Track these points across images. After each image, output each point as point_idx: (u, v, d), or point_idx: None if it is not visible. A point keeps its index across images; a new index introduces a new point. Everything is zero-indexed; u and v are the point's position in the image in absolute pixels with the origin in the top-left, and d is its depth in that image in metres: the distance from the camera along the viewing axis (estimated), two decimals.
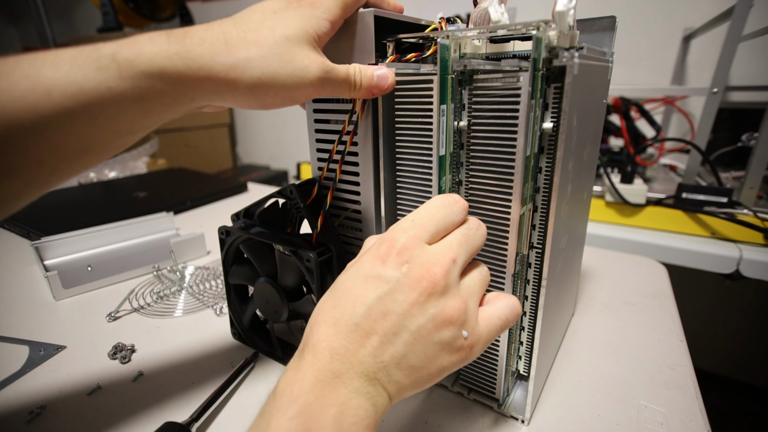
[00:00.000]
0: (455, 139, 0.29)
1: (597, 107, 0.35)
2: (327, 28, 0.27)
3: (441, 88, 0.26)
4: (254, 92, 0.25)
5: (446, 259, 0.23)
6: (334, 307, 0.23)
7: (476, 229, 0.26)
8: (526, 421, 0.32)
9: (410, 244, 0.23)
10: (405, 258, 0.22)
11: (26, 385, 0.36)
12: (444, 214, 0.25)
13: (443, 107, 0.27)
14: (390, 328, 0.21)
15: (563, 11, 0.24)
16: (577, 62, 0.24)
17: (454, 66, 0.27)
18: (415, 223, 0.24)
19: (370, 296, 0.22)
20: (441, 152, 0.28)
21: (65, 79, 0.20)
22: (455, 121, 0.28)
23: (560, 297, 0.36)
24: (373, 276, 0.22)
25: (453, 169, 0.29)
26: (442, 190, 0.28)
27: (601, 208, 0.79)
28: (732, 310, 1.17)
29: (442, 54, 0.26)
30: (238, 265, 0.39)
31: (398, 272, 0.22)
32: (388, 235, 0.24)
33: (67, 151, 0.22)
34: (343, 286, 0.23)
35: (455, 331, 0.22)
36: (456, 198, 0.26)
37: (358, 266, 0.24)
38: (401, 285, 0.22)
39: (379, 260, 0.23)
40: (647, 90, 0.95)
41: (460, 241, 0.24)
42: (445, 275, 0.22)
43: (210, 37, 0.24)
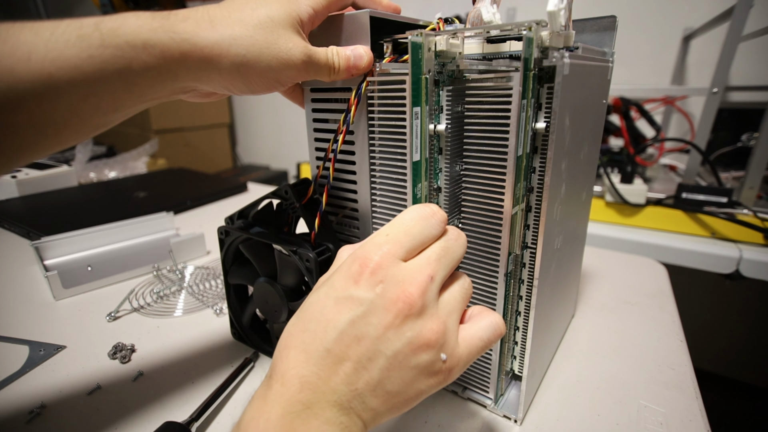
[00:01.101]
0: (432, 144, 0.27)
1: (595, 107, 0.35)
2: (310, 14, 0.27)
3: (413, 90, 0.25)
4: (240, 71, 0.25)
5: (423, 276, 0.22)
6: (304, 331, 0.21)
7: (455, 240, 0.24)
8: (518, 420, 0.32)
9: (384, 262, 0.21)
10: (379, 277, 0.21)
11: (26, 384, 0.36)
12: (421, 228, 0.23)
13: (416, 110, 0.25)
14: (364, 354, 0.20)
15: (554, 11, 0.24)
16: (567, 62, 0.24)
17: (429, 65, 0.25)
18: (389, 238, 0.22)
19: (342, 320, 0.20)
20: (415, 158, 0.26)
21: (45, 45, 0.20)
22: (432, 125, 0.27)
23: (556, 297, 0.36)
24: (345, 297, 0.21)
25: (430, 175, 0.28)
26: (417, 199, 0.27)
27: (601, 208, 0.79)
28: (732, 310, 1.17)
29: (414, 53, 0.24)
30: (237, 265, 0.39)
31: (372, 293, 0.21)
32: (360, 251, 0.22)
33: (43, 123, 0.21)
34: (313, 308, 0.22)
35: (433, 355, 0.21)
36: (434, 209, 0.24)
37: (329, 286, 0.22)
38: (375, 307, 0.20)
39: (352, 280, 0.21)
40: (647, 90, 0.95)
41: (438, 256, 0.23)
42: (422, 295, 0.21)
43: (194, 15, 0.24)
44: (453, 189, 0.31)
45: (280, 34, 0.25)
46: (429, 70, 0.25)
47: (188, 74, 0.24)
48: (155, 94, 0.25)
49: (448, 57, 0.27)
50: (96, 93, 0.22)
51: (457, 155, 0.30)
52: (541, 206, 0.27)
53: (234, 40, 0.24)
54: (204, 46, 0.24)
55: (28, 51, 0.19)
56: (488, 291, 0.30)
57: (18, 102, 0.20)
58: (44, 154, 0.23)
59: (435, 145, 0.28)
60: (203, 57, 0.24)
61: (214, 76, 0.25)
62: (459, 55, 0.28)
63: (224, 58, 0.24)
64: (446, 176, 0.29)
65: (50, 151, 0.23)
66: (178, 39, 0.23)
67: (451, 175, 0.30)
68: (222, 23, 0.24)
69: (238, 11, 0.25)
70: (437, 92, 0.27)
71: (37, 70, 0.19)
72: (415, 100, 0.25)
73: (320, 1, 0.28)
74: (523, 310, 0.32)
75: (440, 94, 0.27)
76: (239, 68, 0.25)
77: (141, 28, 0.22)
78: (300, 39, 0.26)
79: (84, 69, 0.21)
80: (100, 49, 0.21)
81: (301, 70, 0.27)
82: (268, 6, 0.26)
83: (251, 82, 0.26)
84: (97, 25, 0.21)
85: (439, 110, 0.27)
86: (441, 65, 0.26)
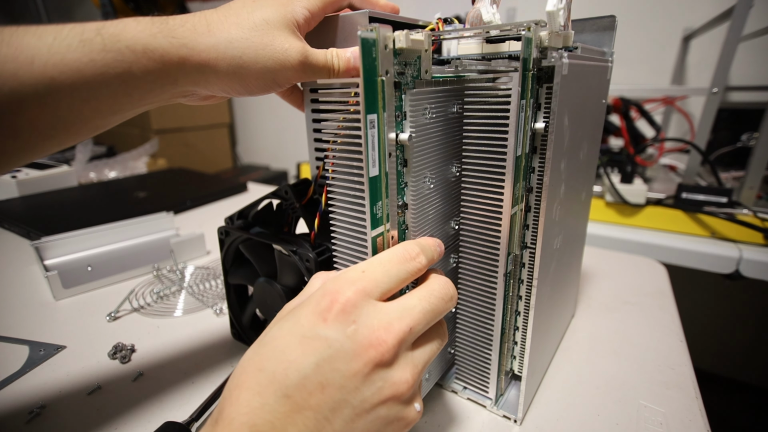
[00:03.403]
0: (396, 156, 0.25)
1: (595, 107, 0.35)
2: (306, 16, 0.27)
3: (367, 94, 0.21)
4: (237, 73, 0.25)
5: (402, 326, 0.20)
6: (260, 370, 0.19)
7: (444, 300, 0.23)
8: (518, 420, 0.32)
9: (357, 300, 0.20)
10: (351, 317, 0.19)
11: (26, 384, 0.36)
12: (399, 270, 0.22)
13: (372, 117, 0.22)
14: (328, 403, 0.18)
15: (553, 11, 0.24)
16: (566, 62, 0.24)
17: (386, 66, 0.22)
18: (365, 275, 0.21)
19: (306, 362, 0.18)
20: (373, 172, 0.23)
21: (48, 50, 0.20)
22: (393, 134, 0.24)
23: (556, 297, 0.36)
24: (312, 336, 0.19)
25: (392, 192, 0.25)
26: (376, 218, 0.24)
27: (601, 208, 0.78)
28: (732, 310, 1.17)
29: (366, 51, 0.21)
30: (237, 265, 0.39)
31: (341, 334, 0.19)
32: (332, 285, 0.21)
33: (44, 125, 0.21)
34: (274, 344, 0.19)
35: (402, 407, 0.20)
36: (414, 253, 0.23)
37: (294, 321, 0.20)
38: (344, 351, 0.19)
39: (320, 317, 0.19)
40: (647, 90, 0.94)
41: (424, 311, 0.21)
42: (398, 345, 0.20)
43: (192, 20, 0.24)
44: (449, 191, 0.31)
45: (275, 35, 0.25)
46: (387, 71, 0.22)
47: (187, 78, 0.25)
48: (155, 98, 0.25)
49: (411, 56, 0.25)
50: (97, 96, 0.22)
51: (454, 157, 0.30)
52: (540, 206, 0.27)
53: (230, 43, 0.25)
54: (202, 50, 0.24)
55: (32, 55, 0.20)
56: (487, 291, 0.30)
57: (20, 104, 0.20)
58: (44, 154, 0.23)
59: (398, 156, 0.25)
60: (201, 61, 0.24)
61: (212, 79, 0.25)
62: (425, 53, 0.25)
63: (221, 60, 0.25)
64: (439, 179, 0.29)
65: (50, 152, 0.23)
66: (176, 44, 0.23)
67: (446, 177, 0.30)
68: (218, 27, 0.25)
69: (235, 15, 0.25)
70: (399, 96, 0.24)
71: (40, 73, 0.20)
72: (369, 107, 0.21)
73: (316, 2, 0.28)
74: (523, 310, 0.32)
75: (403, 98, 0.24)
76: (236, 70, 0.25)
77: (141, 33, 0.22)
78: (296, 40, 0.27)
79: (85, 73, 0.21)
80: (101, 53, 0.21)
81: (298, 70, 0.27)
82: (263, 9, 0.26)
83: (249, 84, 0.26)
84: (98, 30, 0.21)
85: (402, 117, 0.25)
86: (402, 65, 0.24)
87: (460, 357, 0.34)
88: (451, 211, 0.31)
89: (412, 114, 0.25)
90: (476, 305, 0.31)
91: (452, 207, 0.31)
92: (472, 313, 0.32)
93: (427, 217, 0.28)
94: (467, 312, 0.32)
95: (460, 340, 0.33)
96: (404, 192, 0.26)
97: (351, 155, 0.24)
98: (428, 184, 0.28)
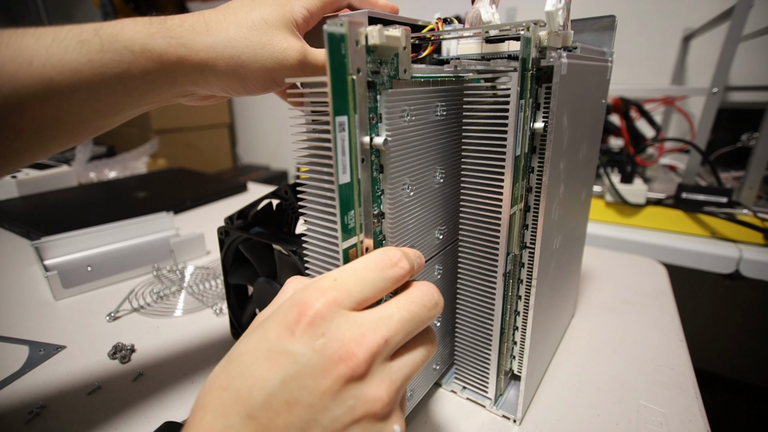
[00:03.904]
0: (371, 161, 0.23)
1: (594, 107, 0.35)
2: (305, 15, 0.27)
3: (335, 95, 0.19)
4: (236, 72, 0.25)
5: (376, 338, 0.18)
6: (225, 388, 0.17)
7: (427, 307, 0.21)
8: (517, 420, 0.32)
9: (327, 312, 0.18)
10: (320, 330, 0.18)
11: (26, 384, 0.36)
12: (375, 279, 0.20)
13: (341, 120, 0.20)
14: (295, 423, 0.17)
15: (552, 11, 0.24)
16: (564, 62, 0.24)
17: (358, 63, 0.20)
18: (337, 283, 0.19)
19: (272, 379, 0.17)
20: (343, 179, 0.21)
21: (47, 51, 0.20)
22: (368, 137, 0.22)
23: (555, 297, 0.36)
24: (278, 351, 0.18)
25: (366, 200, 0.23)
26: (347, 228, 0.22)
27: (601, 208, 0.78)
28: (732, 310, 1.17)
29: (334, 48, 0.19)
30: (237, 265, 0.39)
31: (309, 349, 0.17)
32: (301, 295, 0.19)
33: (44, 126, 0.21)
34: (241, 360, 0.18)
35: (378, 426, 0.18)
36: (396, 258, 0.21)
37: (262, 334, 0.19)
38: (312, 366, 0.17)
39: (287, 330, 0.18)
40: (647, 90, 0.95)
41: (403, 320, 0.20)
42: (370, 358, 0.18)
43: (190, 20, 0.24)
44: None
45: (274, 34, 0.26)
46: (358, 69, 0.20)
47: (186, 78, 0.25)
48: (154, 98, 0.25)
49: (387, 53, 0.23)
50: (96, 96, 0.22)
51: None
52: (540, 206, 0.27)
53: (229, 42, 0.25)
54: (200, 49, 0.24)
55: (30, 56, 0.20)
56: (487, 291, 0.30)
57: (20, 105, 0.20)
58: (45, 155, 0.23)
59: (373, 162, 0.23)
60: (200, 60, 0.24)
61: (211, 78, 0.25)
62: (403, 51, 0.23)
63: (220, 60, 0.25)
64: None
65: (51, 153, 0.23)
66: (175, 44, 0.23)
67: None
68: (217, 26, 0.25)
69: (233, 14, 0.25)
70: (373, 97, 0.22)
71: (39, 74, 0.20)
72: (338, 108, 0.20)
73: (315, 2, 0.27)
74: (522, 310, 0.32)
75: (378, 99, 0.22)
76: (235, 70, 0.25)
77: (139, 34, 0.22)
78: (295, 39, 0.26)
79: (84, 73, 0.21)
80: (99, 53, 0.21)
81: (297, 69, 0.26)
82: (261, 8, 0.26)
83: (248, 84, 0.26)
84: (96, 30, 0.21)
85: (378, 119, 0.23)
86: (377, 63, 0.22)
87: (459, 357, 0.34)
88: (434, 220, 0.30)
89: (389, 116, 0.23)
90: (475, 305, 0.31)
91: (436, 215, 0.30)
92: (472, 312, 0.32)
93: (407, 227, 0.27)
94: (467, 312, 0.32)
95: (459, 340, 0.33)
96: (381, 200, 0.24)
97: (320, 160, 0.21)
98: (408, 192, 0.26)
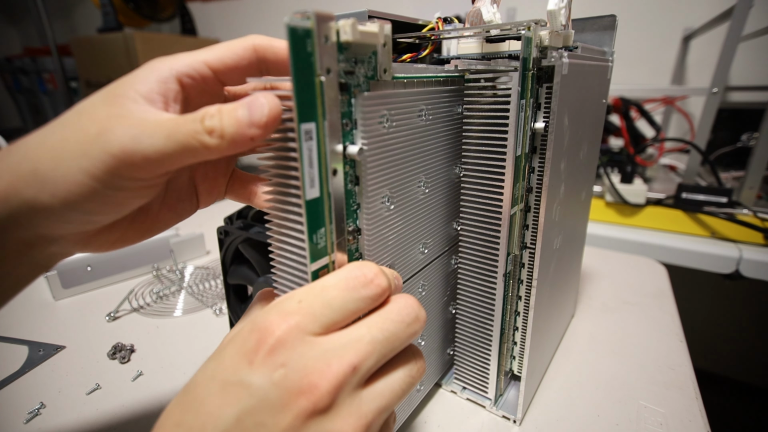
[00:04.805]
0: (345, 172, 0.20)
1: (595, 107, 0.35)
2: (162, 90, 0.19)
3: (299, 98, 0.17)
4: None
5: (342, 365, 0.16)
6: (178, 424, 0.16)
7: (405, 323, 0.18)
8: (518, 421, 0.32)
9: (289, 339, 0.16)
10: (280, 359, 0.16)
11: (25, 384, 0.36)
12: (345, 299, 0.18)
13: (308, 127, 0.17)
14: None
15: (554, 10, 0.24)
16: (565, 62, 0.24)
17: (328, 63, 0.18)
18: (302, 306, 0.17)
19: (225, 415, 0.15)
20: (311, 194, 0.18)
21: None
22: (341, 146, 0.20)
23: (556, 297, 0.36)
24: (234, 383, 0.16)
25: (338, 216, 0.20)
26: (317, 249, 0.19)
27: (601, 208, 0.78)
28: (732, 310, 1.17)
29: (297, 45, 0.16)
30: (237, 265, 0.39)
31: (268, 380, 0.16)
32: (262, 319, 0.17)
33: None
34: (195, 392, 0.17)
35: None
36: (371, 275, 0.18)
37: (218, 362, 0.17)
38: (269, 401, 0.15)
39: (245, 359, 0.16)
40: (647, 90, 0.94)
41: (374, 341, 0.17)
42: (334, 390, 0.16)
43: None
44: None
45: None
46: (328, 69, 0.18)
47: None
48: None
49: (363, 52, 0.20)
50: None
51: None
52: (540, 206, 0.27)
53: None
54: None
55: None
56: (487, 291, 0.30)
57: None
58: None
59: (348, 173, 0.21)
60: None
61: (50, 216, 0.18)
62: (382, 48, 0.21)
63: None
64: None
65: None
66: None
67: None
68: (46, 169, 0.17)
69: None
70: (347, 101, 0.20)
71: None
72: (304, 114, 0.17)
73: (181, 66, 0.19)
74: (522, 310, 0.32)
75: (353, 103, 0.20)
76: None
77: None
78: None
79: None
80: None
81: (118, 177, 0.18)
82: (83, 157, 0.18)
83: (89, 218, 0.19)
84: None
85: (353, 126, 0.21)
86: (352, 63, 0.20)
87: (459, 357, 0.34)
88: (418, 235, 0.28)
89: (365, 122, 0.20)
90: (476, 305, 0.31)
91: (420, 229, 0.28)
92: (472, 313, 0.32)
93: (386, 244, 0.24)
94: (467, 312, 0.32)
95: (459, 340, 0.33)
96: (357, 215, 0.22)
97: (284, 171, 0.19)
98: (387, 205, 0.24)
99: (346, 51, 0.19)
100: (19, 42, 2.41)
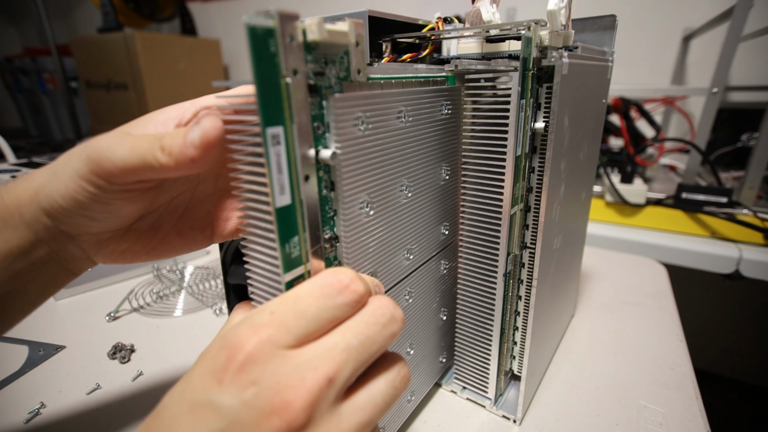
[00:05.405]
0: (319, 177, 0.20)
1: (595, 107, 0.35)
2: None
3: (263, 101, 0.16)
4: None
5: (316, 379, 0.15)
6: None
7: (380, 324, 0.17)
8: (518, 421, 0.32)
9: (260, 354, 0.15)
10: (251, 376, 0.15)
11: (25, 384, 0.36)
12: (319, 309, 0.17)
13: (274, 131, 0.16)
14: None
15: (554, 10, 0.24)
16: (566, 62, 0.24)
17: (294, 63, 0.17)
18: (273, 319, 0.16)
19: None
20: (281, 201, 0.17)
21: None
22: (313, 150, 0.19)
23: (556, 297, 0.36)
24: (203, 404, 0.15)
25: (312, 224, 0.19)
26: (290, 258, 0.18)
27: (601, 208, 0.78)
28: (732, 310, 1.17)
29: (258, 45, 0.15)
30: (237, 265, 0.39)
31: (238, 400, 0.15)
32: (232, 335, 0.16)
33: None
34: (163, 415, 0.16)
35: None
36: (345, 282, 0.17)
37: (186, 383, 0.16)
38: (240, 423, 0.14)
39: (214, 378, 0.15)
40: (647, 90, 0.94)
41: (349, 348, 0.16)
42: (309, 407, 0.15)
43: None
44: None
45: None
46: (294, 70, 0.17)
47: None
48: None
49: (334, 51, 0.19)
50: None
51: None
52: (540, 206, 0.27)
53: None
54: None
55: None
56: (487, 291, 0.30)
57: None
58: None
59: (322, 178, 0.20)
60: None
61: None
62: (355, 48, 0.20)
63: None
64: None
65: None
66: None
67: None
68: None
69: None
70: (318, 103, 0.19)
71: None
72: (269, 117, 0.16)
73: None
74: (522, 310, 0.32)
75: (324, 105, 0.19)
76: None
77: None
78: None
79: None
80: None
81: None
82: None
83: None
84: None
85: (326, 129, 0.20)
86: (321, 63, 0.19)
87: (459, 357, 0.34)
88: (401, 240, 0.27)
89: (338, 125, 0.19)
90: (476, 305, 0.31)
91: (403, 235, 0.27)
92: (472, 313, 0.32)
93: (366, 252, 0.23)
94: (467, 312, 0.32)
95: (459, 340, 0.33)
96: (334, 222, 0.21)
97: (252, 178, 0.18)
98: (366, 211, 0.23)
99: (315, 51, 0.18)
100: (19, 42, 2.41)
